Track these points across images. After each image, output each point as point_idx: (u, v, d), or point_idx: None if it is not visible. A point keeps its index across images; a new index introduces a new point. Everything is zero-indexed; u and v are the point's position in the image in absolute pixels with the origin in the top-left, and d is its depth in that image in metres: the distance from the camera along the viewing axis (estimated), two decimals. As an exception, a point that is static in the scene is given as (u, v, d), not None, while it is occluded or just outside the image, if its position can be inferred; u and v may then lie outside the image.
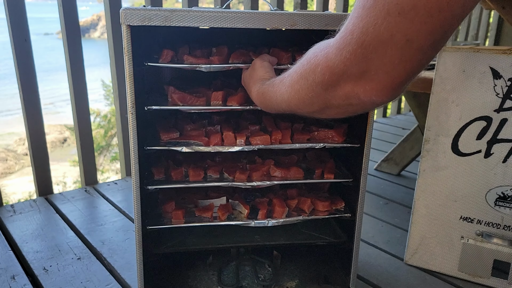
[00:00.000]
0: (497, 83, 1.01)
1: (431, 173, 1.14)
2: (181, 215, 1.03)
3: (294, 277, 1.15)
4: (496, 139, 1.05)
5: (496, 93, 1.02)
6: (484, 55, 1.01)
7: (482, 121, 1.04)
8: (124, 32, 0.81)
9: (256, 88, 0.82)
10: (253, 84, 0.84)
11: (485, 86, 1.02)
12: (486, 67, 1.01)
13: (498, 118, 1.03)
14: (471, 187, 1.11)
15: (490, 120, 1.04)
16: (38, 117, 1.62)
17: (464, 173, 1.10)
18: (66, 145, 10.50)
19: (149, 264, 1.03)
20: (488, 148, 1.06)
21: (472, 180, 1.10)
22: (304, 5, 2.33)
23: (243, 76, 0.92)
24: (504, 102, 1.02)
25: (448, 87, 1.06)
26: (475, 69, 1.02)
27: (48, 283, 1.14)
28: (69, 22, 1.62)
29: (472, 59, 1.02)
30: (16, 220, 1.47)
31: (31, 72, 1.56)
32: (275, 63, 0.92)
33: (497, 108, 1.03)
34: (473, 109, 1.05)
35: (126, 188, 1.76)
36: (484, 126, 1.05)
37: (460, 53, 1.03)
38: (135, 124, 0.88)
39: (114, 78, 1.77)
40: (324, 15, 0.86)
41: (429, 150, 1.12)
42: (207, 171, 1.04)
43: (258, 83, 0.82)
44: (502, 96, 1.01)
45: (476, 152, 1.07)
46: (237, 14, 0.82)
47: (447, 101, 1.07)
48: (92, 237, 1.38)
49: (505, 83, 1.00)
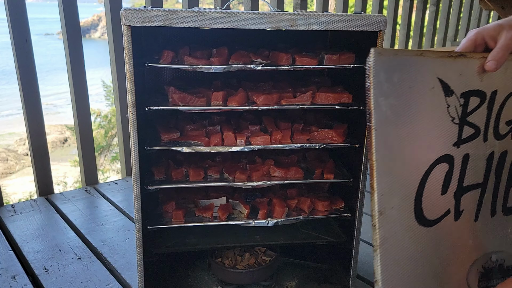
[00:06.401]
0: (449, 102, 0.69)
1: (393, 267, 0.67)
2: (181, 215, 1.03)
3: (294, 277, 1.16)
4: (463, 188, 0.72)
5: (451, 118, 0.70)
6: (429, 60, 0.68)
7: (443, 163, 0.70)
8: (124, 33, 0.82)
9: None
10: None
11: (438, 108, 0.69)
12: (433, 79, 0.69)
13: (459, 156, 0.71)
14: (447, 274, 0.72)
15: (452, 160, 0.71)
16: (39, 117, 1.62)
17: (437, 252, 0.71)
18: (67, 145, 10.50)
19: (149, 264, 1.03)
20: (457, 204, 0.72)
21: (449, 260, 0.72)
22: (304, 5, 2.33)
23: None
24: (462, 130, 0.70)
25: (394, 116, 0.66)
26: (423, 83, 0.68)
27: (49, 282, 1.14)
28: (70, 22, 1.62)
29: (417, 68, 0.68)
30: (17, 220, 1.48)
31: (32, 72, 1.57)
32: None
33: (456, 140, 0.70)
34: (431, 146, 0.69)
35: (126, 188, 1.76)
36: (447, 171, 0.70)
37: (401, 59, 0.67)
38: (135, 124, 0.88)
39: (115, 78, 1.78)
40: (324, 15, 0.86)
41: (386, 228, 0.66)
42: (207, 171, 1.05)
43: None
44: (459, 122, 0.70)
45: (445, 214, 0.71)
46: (237, 15, 0.83)
47: (399, 139, 0.67)
48: (93, 237, 1.38)
49: (458, 101, 0.70)
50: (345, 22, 0.87)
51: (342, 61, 0.98)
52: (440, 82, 0.69)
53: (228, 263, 1.11)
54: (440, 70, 0.69)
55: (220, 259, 1.13)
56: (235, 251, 1.16)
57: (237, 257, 1.14)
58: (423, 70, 0.68)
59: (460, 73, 0.70)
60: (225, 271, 1.09)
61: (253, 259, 1.13)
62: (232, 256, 1.14)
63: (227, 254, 1.15)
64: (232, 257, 1.14)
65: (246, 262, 1.12)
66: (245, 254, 1.15)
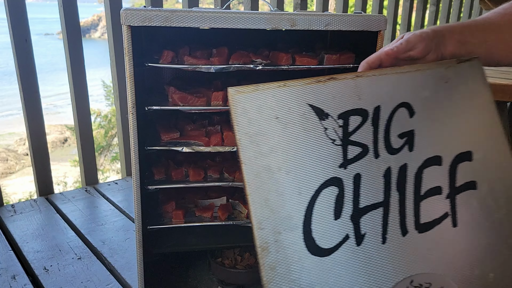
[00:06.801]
0: (326, 125, 0.69)
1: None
2: (181, 215, 1.03)
3: (294, 277, 1.16)
4: (360, 210, 0.69)
5: (331, 140, 0.69)
6: (295, 89, 0.68)
7: (331, 187, 0.68)
8: (124, 33, 0.81)
9: None
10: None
11: (313, 133, 0.69)
12: (303, 105, 0.69)
13: (349, 177, 0.69)
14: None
15: (341, 183, 0.69)
16: (39, 117, 1.62)
17: (341, 283, 0.67)
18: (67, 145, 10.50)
19: (149, 264, 1.03)
20: (357, 228, 0.68)
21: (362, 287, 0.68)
22: (304, 5, 2.33)
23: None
24: (347, 151, 0.69)
25: (264, 149, 0.67)
26: (291, 111, 0.68)
27: (49, 282, 1.14)
28: (70, 22, 1.62)
29: (282, 98, 0.68)
30: (17, 220, 1.48)
31: (32, 72, 1.57)
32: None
33: (341, 161, 0.69)
34: (311, 172, 0.68)
35: (126, 188, 1.76)
36: (338, 194, 0.68)
37: (259, 94, 0.68)
38: (135, 124, 0.88)
39: (115, 78, 1.78)
40: (324, 15, 0.86)
41: (274, 265, 0.65)
42: (207, 171, 1.05)
43: None
44: (341, 143, 0.70)
45: (344, 240, 0.67)
46: (237, 15, 0.82)
47: (270, 170, 0.67)
48: (93, 237, 1.38)
49: (336, 122, 0.69)
50: (345, 22, 0.87)
51: (342, 61, 0.98)
52: (312, 108, 0.69)
53: (228, 263, 1.11)
54: (310, 96, 0.69)
55: (220, 259, 1.13)
56: (235, 251, 1.16)
57: (237, 257, 1.14)
58: (289, 99, 0.68)
59: (333, 96, 0.70)
60: (225, 271, 1.09)
61: (253, 259, 1.13)
62: (232, 256, 1.14)
63: (227, 254, 1.14)
64: (232, 257, 1.14)
65: (246, 262, 1.12)
66: (245, 254, 1.15)
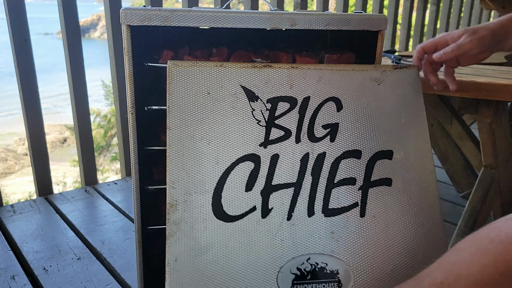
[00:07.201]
0: (254, 106, 0.76)
1: (189, 262, 0.70)
2: (181, 215, 1.03)
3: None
4: (271, 187, 0.74)
5: (257, 121, 0.76)
6: (231, 70, 0.76)
7: (248, 161, 0.74)
8: (124, 32, 0.81)
9: None
10: None
11: (241, 111, 0.75)
12: (236, 86, 0.76)
13: (267, 156, 0.75)
14: (253, 271, 0.71)
15: (258, 160, 0.75)
16: (38, 117, 1.62)
17: (240, 249, 0.72)
18: (66, 145, 10.51)
19: (149, 264, 1.03)
20: (265, 202, 0.74)
21: (253, 258, 0.71)
22: (304, 5, 2.33)
23: None
24: (270, 132, 0.76)
25: (191, 119, 0.74)
26: (223, 89, 0.75)
27: (48, 283, 1.14)
28: (69, 22, 1.62)
29: (216, 77, 0.76)
30: (16, 220, 1.47)
31: (31, 72, 1.56)
32: None
33: (262, 141, 0.75)
34: (232, 145, 0.74)
35: (126, 188, 1.76)
36: (253, 169, 0.74)
37: (196, 69, 0.76)
38: (135, 124, 0.88)
39: (114, 78, 1.77)
40: (324, 15, 0.86)
41: (179, 221, 0.71)
42: (207, 171, 1.04)
43: None
44: (265, 124, 0.76)
45: (250, 211, 0.73)
46: (237, 14, 0.82)
47: (193, 138, 0.74)
48: (92, 237, 1.38)
49: (264, 106, 0.76)
50: (345, 22, 0.87)
51: (343, 60, 0.98)
52: (243, 89, 0.76)
53: (228, 264, 1.11)
54: (243, 79, 0.77)
55: (220, 260, 1.12)
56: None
57: (237, 258, 1.13)
58: (223, 79, 0.76)
59: (266, 82, 0.77)
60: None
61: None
62: (232, 257, 1.14)
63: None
64: (232, 257, 1.13)
65: (246, 262, 1.12)
66: (245, 255, 1.14)
